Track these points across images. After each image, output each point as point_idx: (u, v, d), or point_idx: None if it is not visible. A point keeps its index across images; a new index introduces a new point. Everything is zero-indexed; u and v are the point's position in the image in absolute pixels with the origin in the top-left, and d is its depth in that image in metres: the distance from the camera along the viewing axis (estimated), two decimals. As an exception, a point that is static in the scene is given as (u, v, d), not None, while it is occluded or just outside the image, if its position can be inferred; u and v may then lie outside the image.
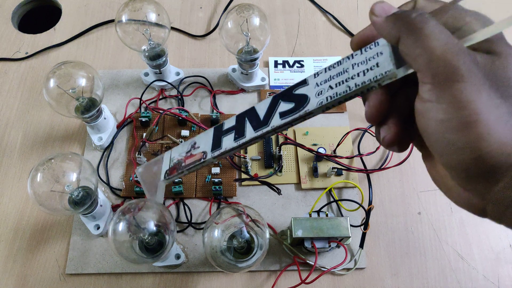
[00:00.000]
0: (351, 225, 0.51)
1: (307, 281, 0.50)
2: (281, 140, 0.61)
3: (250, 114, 0.32)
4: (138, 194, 0.57)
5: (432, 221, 0.57)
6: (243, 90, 0.67)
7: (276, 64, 0.69)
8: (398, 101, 0.27)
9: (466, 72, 0.21)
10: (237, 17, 0.57)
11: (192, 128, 0.62)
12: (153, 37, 0.59)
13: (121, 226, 0.45)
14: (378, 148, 0.59)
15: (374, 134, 0.60)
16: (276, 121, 0.30)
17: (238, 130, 0.33)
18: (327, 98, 0.27)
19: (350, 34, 0.73)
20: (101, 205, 0.53)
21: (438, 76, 0.21)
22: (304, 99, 0.29)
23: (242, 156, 0.59)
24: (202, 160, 0.35)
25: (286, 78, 0.68)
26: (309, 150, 0.57)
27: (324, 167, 0.59)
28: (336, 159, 0.58)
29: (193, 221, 0.57)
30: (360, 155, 0.59)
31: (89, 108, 0.55)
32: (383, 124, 0.27)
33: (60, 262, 0.54)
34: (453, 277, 0.53)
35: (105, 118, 0.59)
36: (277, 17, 0.75)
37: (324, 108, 0.28)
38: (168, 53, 0.63)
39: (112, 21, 0.74)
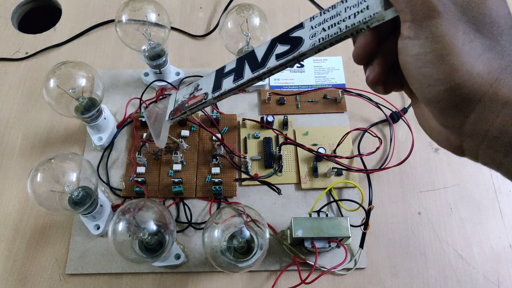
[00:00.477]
0: (351, 225, 0.51)
1: (307, 281, 0.50)
2: (281, 140, 0.61)
3: (250, 56, 0.34)
4: (138, 194, 0.57)
5: (432, 221, 0.57)
6: (243, 90, 0.67)
7: (276, 64, 0.69)
8: (386, 46, 0.28)
9: (442, 8, 0.23)
10: (237, 17, 0.57)
11: (192, 128, 0.62)
12: (153, 37, 0.59)
13: (121, 226, 0.45)
14: (378, 148, 0.59)
15: (373, 134, 0.60)
16: (272, 62, 0.32)
17: (238, 72, 0.35)
18: (319, 39, 0.29)
19: (350, 34, 0.73)
20: (101, 205, 0.53)
21: (417, 13, 0.23)
22: (299, 41, 0.30)
23: (242, 156, 0.59)
24: (204, 100, 0.36)
25: (286, 78, 0.68)
26: (309, 150, 0.57)
27: (324, 167, 0.59)
28: (336, 159, 0.58)
29: (193, 221, 0.57)
30: (360, 155, 0.59)
31: (89, 108, 0.55)
32: (369, 65, 0.29)
33: (60, 262, 0.54)
34: (453, 277, 0.53)
35: (105, 118, 0.59)
36: (277, 17, 0.75)
37: (316, 50, 0.29)
38: (168, 53, 0.63)
39: (112, 21, 0.74)
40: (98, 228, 0.54)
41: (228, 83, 0.35)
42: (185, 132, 0.61)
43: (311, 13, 0.75)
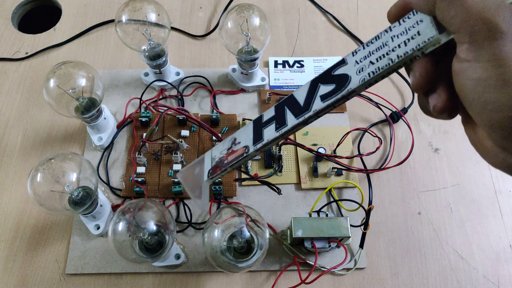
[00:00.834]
0: (351, 225, 0.51)
1: (307, 281, 0.50)
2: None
3: (290, 102, 0.32)
4: (138, 194, 0.57)
5: (432, 221, 0.57)
6: (243, 90, 0.67)
7: (276, 64, 0.69)
8: (442, 69, 0.26)
9: (506, 27, 0.21)
10: (237, 17, 0.57)
11: (192, 128, 0.62)
12: (153, 37, 0.59)
13: (121, 226, 0.45)
14: (378, 148, 0.59)
15: (373, 134, 0.60)
16: (317, 104, 0.30)
17: (279, 120, 0.33)
18: (369, 74, 0.27)
19: (350, 34, 0.73)
20: (101, 205, 0.53)
21: (476, 34, 0.21)
22: (345, 79, 0.28)
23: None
24: (245, 154, 0.35)
25: (286, 78, 0.68)
26: (309, 150, 0.57)
27: (324, 167, 0.59)
28: (336, 159, 0.58)
29: (193, 221, 0.57)
30: (360, 155, 0.59)
31: (89, 108, 0.55)
32: (431, 93, 0.26)
33: (60, 262, 0.54)
34: (453, 277, 0.53)
35: (105, 118, 0.59)
36: (277, 17, 0.75)
37: (367, 85, 0.28)
38: (168, 53, 0.63)
39: (112, 21, 0.74)
40: (98, 228, 0.54)
41: (270, 133, 0.33)
42: (185, 132, 0.61)
43: (311, 13, 0.75)
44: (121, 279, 0.53)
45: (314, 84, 0.30)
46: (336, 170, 0.58)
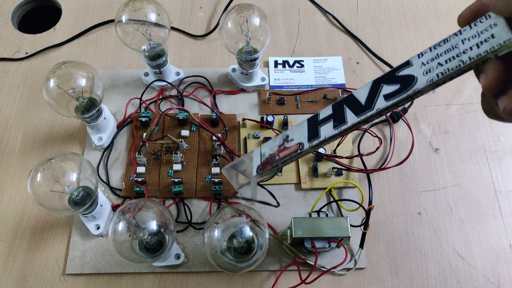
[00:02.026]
0: (351, 225, 0.50)
1: (307, 281, 0.50)
2: (281, 140, 0.61)
3: (349, 101, 0.33)
4: (138, 194, 0.57)
5: (432, 221, 0.57)
6: (243, 90, 0.67)
7: (276, 64, 0.69)
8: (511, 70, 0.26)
9: None
10: (237, 17, 0.57)
11: (192, 128, 0.62)
12: (153, 37, 0.59)
13: (121, 226, 0.45)
14: (378, 148, 0.59)
15: (373, 134, 0.60)
16: (381, 103, 0.31)
17: (337, 118, 0.34)
18: (437, 75, 0.28)
19: (350, 34, 0.73)
20: (101, 205, 0.53)
21: None
22: (410, 79, 0.29)
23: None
24: (299, 151, 0.36)
25: (286, 78, 0.68)
26: (309, 150, 0.57)
27: (324, 167, 0.59)
28: (336, 159, 0.58)
29: (193, 221, 0.56)
30: (360, 155, 0.59)
31: (89, 108, 0.55)
32: (501, 95, 0.27)
33: (60, 262, 0.54)
34: (453, 277, 0.53)
35: (105, 118, 0.59)
36: (277, 17, 0.75)
37: (434, 85, 0.29)
38: (168, 53, 0.64)
39: (112, 21, 0.74)
40: (98, 228, 0.54)
41: (327, 130, 0.34)
42: (185, 132, 0.61)
43: (311, 13, 0.75)
44: (121, 279, 0.53)
45: (377, 85, 0.32)
46: (336, 170, 0.58)
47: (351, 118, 0.33)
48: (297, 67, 0.69)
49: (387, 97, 0.31)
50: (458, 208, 0.58)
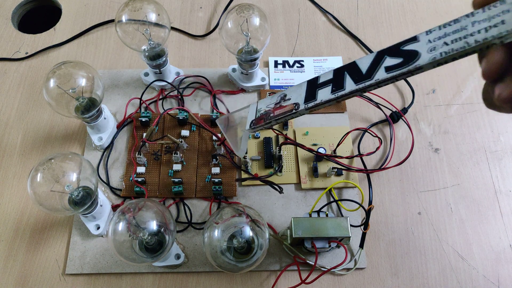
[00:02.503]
0: (351, 225, 0.50)
1: (307, 281, 0.50)
2: (281, 140, 0.61)
3: (351, 68, 0.34)
4: (138, 194, 0.57)
5: (432, 221, 0.57)
6: (243, 90, 0.67)
7: (276, 64, 0.69)
8: None
9: None
10: (237, 17, 0.57)
11: (192, 128, 0.62)
12: (153, 37, 0.59)
13: (121, 226, 0.45)
14: (378, 148, 0.59)
15: (373, 134, 0.60)
16: (381, 74, 0.31)
17: (336, 83, 0.34)
18: (441, 53, 0.28)
19: (350, 34, 0.73)
20: (101, 205, 0.53)
21: None
22: (414, 55, 0.30)
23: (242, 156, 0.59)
24: (294, 111, 0.37)
25: (286, 78, 0.68)
26: (309, 150, 0.57)
27: (324, 167, 0.59)
28: (336, 159, 0.58)
29: (193, 221, 0.57)
30: (360, 155, 0.59)
31: (89, 108, 0.55)
32: (499, 82, 0.27)
33: (60, 262, 0.54)
34: (453, 277, 0.53)
35: (105, 118, 0.59)
36: (277, 17, 0.75)
37: (435, 64, 0.29)
38: (168, 53, 0.63)
39: (112, 21, 0.74)
40: (98, 228, 0.54)
41: (324, 94, 0.35)
42: (185, 132, 0.61)
43: (311, 13, 0.75)
44: (121, 279, 0.53)
45: (380, 56, 0.32)
46: (336, 170, 0.58)
47: (349, 85, 0.33)
48: (297, 67, 0.69)
49: (388, 69, 0.31)
50: (458, 208, 0.58)
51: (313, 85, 0.36)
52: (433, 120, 0.64)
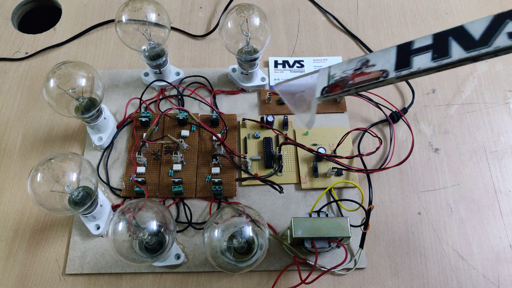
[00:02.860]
0: (351, 225, 0.50)
1: (307, 281, 0.50)
2: (281, 140, 0.61)
3: (457, 33, 0.30)
4: (138, 194, 0.57)
5: (432, 221, 0.57)
6: (243, 90, 0.67)
7: (276, 64, 0.69)
8: None
9: None
10: (237, 17, 0.57)
11: (192, 128, 0.62)
12: (153, 37, 0.59)
13: (121, 226, 0.45)
14: (378, 148, 0.59)
15: (373, 134, 0.60)
16: (502, 41, 0.28)
17: (438, 49, 0.30)
18: None
19: (350, 34, 0.73)
20: (101, 205, 0.53)
21: None
22: None
23: (242, 156, 0.59)
24: (381, 78, 0.33)
25: (286, 78, 0.68)
26: (309, 150, 0.57)
27: (324, 167, 0.59)
28: (336, 159, 0.58)
29: (193, 221, 0.56)
30: (360, 155, 0.59)
31: (89, 108, 0.55)
32: None
33: (60, 262, 0.54)
34: (453, 277, 0.53)
35: (105, 118, 0.59)
36: (277, 17, 0.75)
37: None
38: (168, 53, 0.63)
39: (112, 21, 0.74)
40: (98, 228, 0.54)
41: (423, 62, 0.31)
42: (185, 132, 0.61)
43: (311, 13, 0.75)
44: (121, 279, 0.53)
45: (499, 19, 0.29)
46: (336, 170, 0.58)
47: (457, 52, 0.29)
48: (297, 67, 0.69)
49: None
50: (458, 208, 0.58)
51: (405, 51, 0.32)
52: (433, 120, 0.64)
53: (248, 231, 0.46)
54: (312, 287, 0.52)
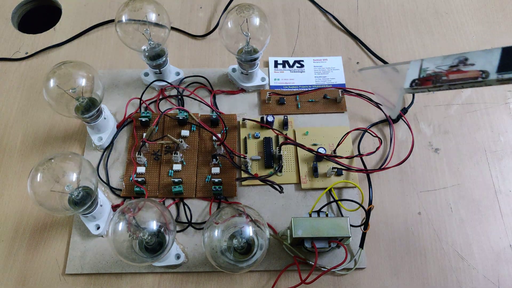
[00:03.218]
0: (351, 225, 0.50)
1: (307, 281, 0.50)
2: (281, 140, 0.61)
3: None
4: (138, 194, 0.57)
5: (432, 221, 0.57)
6: (243, 90, 0.67)
7: (276, 64, 0.69)
8: None
9: None
10: (237, 17, 0.57)
11: (192, 128, 0.62)
12: (153, 37, 0.59)
13: (121, 226, 0.45)
14: (378, 148, 0.59)
15: (373, 134, 0.60)
16: None
17: None
18: None
19: (350, 34, 0.73)
20: (101, 205, 0.53)
21: None
22: None
23: (242, 156, 0.59)
24: (480, 79, 0.32)
25: (286, 78, 0.68)
26: (309, 150, 0.57)
27: (324, 167, 0.59)
28: (336, 159, 0.58)
29: (193, 221, 0.56)
30: (360, 155, 0.59)
31: (89, 108, 0.55)
32: None
33: (60, 262, 0.54)
34: (453, 277, 0.53)
35: (105, 118, 0.59)
36: (277, 17, 0.75)
37: None
38: (168, 53, 0.63)
39: (112, 21, 0.74)
40: (98, 228, 0.54)
41: None
42: (185, 132, 0.61)
43: (311, 13, 0.75)
44: (121, 279, 0.53)
45: None
46: (336, 170, 0.58)
47: None
48: (297, 67, 0.69)
49: None
50: (458, 208, 0.58)
51: (511, 54, 0.31)
52: (433, 120, 0.64)
53: (248, 231, 0.46)
54: (312, 287, 0.52)
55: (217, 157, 0.59)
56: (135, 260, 0.45)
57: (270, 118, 0.61)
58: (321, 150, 0.57)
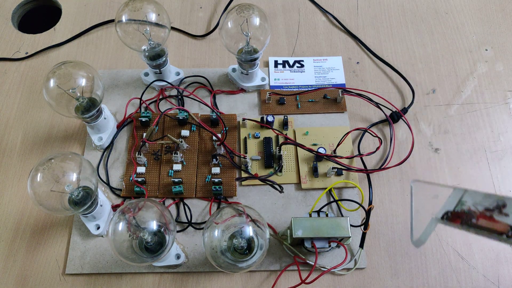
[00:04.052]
0: (351, 225, 0.50)
1: (307, 281, 0.50)
2: (281, 140, 0.61)
3: None
4: (138, 194, 0.57)
5: (432, 221, 0.57)
6: (243, 90, 0.67)
7: (276, 64, 0.69)
8: None
9: None
10: (237, 17, 0.57)
11: (192, 128, 0.62)
12: (153, 37, 0.59)
13: (121, 226, 0.45)
14: (378, 148, 0.59)
15: (373, 134, 0.60)
16: None
17: None
18: None
19: (350, 34, 0.73)
20: (101, 205, 0.53)
21: None
22: None
23: (242, 156, 0.59)
24: (505, 236, 0.29)
25: (286, 78, 0.68)
26: (309, 150, 0.57)
27: (324, 167, 0.59)
28: (336, 159, 0.58)
29: (193, 221, 0.56)
30: (360, 155, 0.59)
31: (89, 108, 0.55)
32: None
33: (60, 262, 0.54)
34: (453, 277, 0.53)
35: (105, 118, 0.59)
36: (277, 17, 0.75)
37: None
38: (168, 53, 0.64)
39: (112, 21, 0.74)
40: (98, 228, 0.54)
41: None
42: (185, 132, 0.61)
43: (311, 13, 0.75)
44: (121, 279, 0.53)
45: None
46: (336, 170, 0.58)
47: None
48: (297, 67, 0.69)
49: None
50: (458, 208, 0.58)
51: None
52: (433, 120, 0.64)
53: (248, 231, 0.46)
54: (312, 287, 0.52)
55: (217, 157, 0.59)
56: (135, 260, 0.45)
57: (270, 118, 0.61)
58: (321, 150, 0.57)
